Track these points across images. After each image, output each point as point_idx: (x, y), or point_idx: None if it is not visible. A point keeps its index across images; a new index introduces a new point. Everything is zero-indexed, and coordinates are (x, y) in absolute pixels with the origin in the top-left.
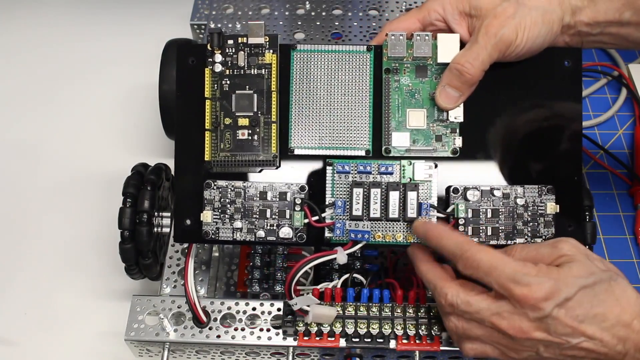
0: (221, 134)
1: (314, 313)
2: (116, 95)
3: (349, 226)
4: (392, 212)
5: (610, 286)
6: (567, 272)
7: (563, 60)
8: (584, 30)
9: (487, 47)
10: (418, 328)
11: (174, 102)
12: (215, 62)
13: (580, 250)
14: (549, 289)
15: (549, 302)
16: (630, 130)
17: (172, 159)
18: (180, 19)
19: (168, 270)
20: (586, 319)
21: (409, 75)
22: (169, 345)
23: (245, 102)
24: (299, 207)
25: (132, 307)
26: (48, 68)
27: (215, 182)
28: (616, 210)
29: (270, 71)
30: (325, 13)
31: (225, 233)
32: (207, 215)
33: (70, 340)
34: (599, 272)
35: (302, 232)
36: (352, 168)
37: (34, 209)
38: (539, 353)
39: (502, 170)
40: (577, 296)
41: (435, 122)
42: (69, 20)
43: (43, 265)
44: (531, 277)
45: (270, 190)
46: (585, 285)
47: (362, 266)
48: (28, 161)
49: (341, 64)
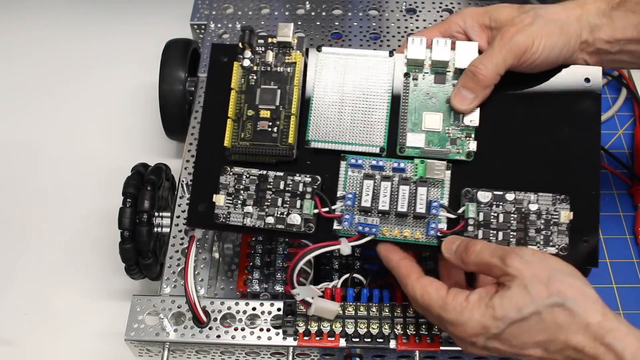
0: (243, 124)
1: (316, 306)
2: (116, 95)
3: (357, 219)
4: (401, 205)
5: (550, 314)
6: (497, 305)
7: (583, 78)
8: (603, 48)
9: (502, 51)
10: (418, 328)
11: (174, 101)
12: (244, 57)
13: (526, 269)
14: (474, 328)
15: (480, 337)
16: (630, 130)
17: (172, 159)
18: (180, 19)
19: (168, 270)
20: (527, 346)
21: (427, 80)
22: (169, 345)
23: (269, 96)
24: (310, 197)
25: (132, 307)
26: (48, 68)
27: (232, 168)
28: (616, 210)
29: (295, 69)
30: (325, 13)
31: (236, 218)
32: (220, 198)
33: (70, 340)
34: (533, 304)
35: (310, 223)
36: (365, 163)
37: (34, 208)
38: None
39: (515, 177)
40: (507, 331)
41: (451, 126)
42: (69, 20)
43: (43, 265)
44: (457, 316)
45: (284, 180)
46: (515, 319)
47: (362, 266)
48: (28, 161)
49: (363, 66)
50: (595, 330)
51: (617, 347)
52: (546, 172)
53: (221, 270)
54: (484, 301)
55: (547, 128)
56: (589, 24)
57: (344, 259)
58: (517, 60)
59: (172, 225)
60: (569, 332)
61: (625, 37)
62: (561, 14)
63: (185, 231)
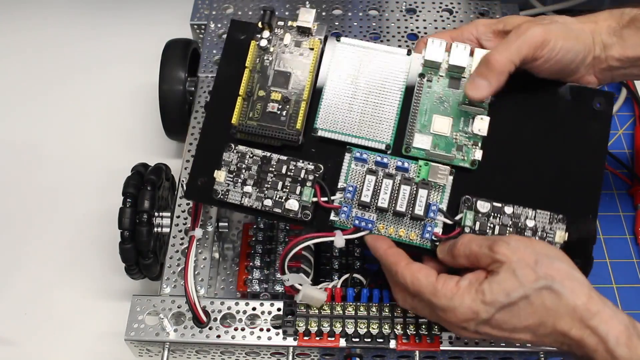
0: (252, 104)
1: (304, 293)
2: (116, 95)
3: (354, 213)
4: (400, 205)
5: (539, 297)
6: (487, 290)
7: (595, 102)
8: (614, 65)
9: (517, 40)
10: (418, 328)
11: (174, 101)
12: (262, 37)
13: (513, 254)
14: (465, 313)
15: (471, 322)
16: (630, 130)
17: (172, 159)
18: (180, 19)
19: (168, 270)
20: (517, 330)
21: (442, 83)
22: (169, 345)
23: (282, 79)
24: (311, 184)
25: (132, 307)
26: (48, 68)
27: (237, 146)
28: (616, 210)
29: (311, 55)
30: (325, 13)
31: (234, 196)
32: (221, 174)
33: (70, 340)
34: (521, 288)
35: (308, 210)
36: (369, 158)
37: (34, 209)
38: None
39: (516, 189)
40: (496, 316)
41: (459, 132)
42: (69, 20)
43: (43, 265)
44: (447, 301)
45: (287, 165)
46: (504, 304)
47: (362, 266)
48: (28, 161)
49: (380, 61)
50: (581, 312)
51: (601, 330)
52: (547, 189)
53: (221, 270)
54: (473, 286)
55: (553, 147)
56: (602, 41)
57: (344, 259)
58: (533, 52)
59: (172, 225)
60: (557, 316)
61: (636, 55)
62: (576, 25)
63: (186, 231)
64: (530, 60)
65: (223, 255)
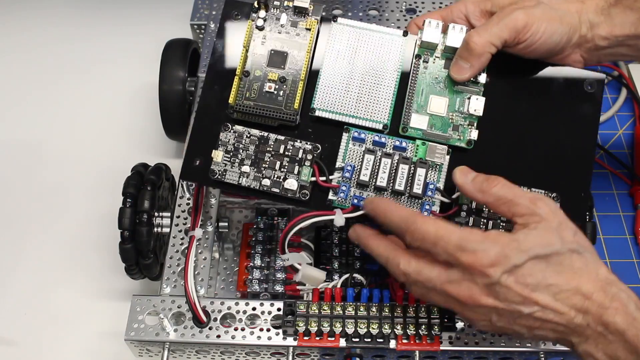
0: (249, 84)
1: (303, 272)
2: (116, 95)
3: (353, 192)
4: (399, 184)
5: (569, 258)
6: (522, 239)
7: (586, 85)
8: (601, 45)
9: (499, 23)
10: (418, 328)
11: (174, 101)
12: (259, 17)
13: (554, 215)
14: (496, 255)
15: (496, 268)
16: (630, 130)
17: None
18: (180, 19)
19: (168, 270)
20: (538, 288)
21: (437, 64)
22: (169, 345)
23: (279, 59)
24: (309, 164)
25: (132, 307)
26: (48, 68)
27: (233, 126)
28: (616, 210)
29: (308, 35)
30: (324, 13)
31: (232, 176)
32: (218, 154)
33: (70, 340)
34: (559, 244)
35: (306, 190)
36: (367, 137)
37: (34, 208)
38: (493, 322)
39: (511, 168)
40: (527, 265)
41: (455, 113)
42: (69, 20)
43: (43, 265)
44: (477, 244)
45: (284, 144)
46: (538, 255)
47: (362, 266)
48: (28, 161)
49: (376, 42)
50: (603, 279)
51: (622, 297)
52: (541, 168)
53: (221, 270)
54: (506, 235)
55: (547, 127)
56: (589, 20)
57: (344, 259)
58: (515, 35)
59: (172, 225)
60: (582, 278)
61: (624, 34)
62: (562, 5)
63: (186, 231)
64: (513, 43)
65: (223, 255)
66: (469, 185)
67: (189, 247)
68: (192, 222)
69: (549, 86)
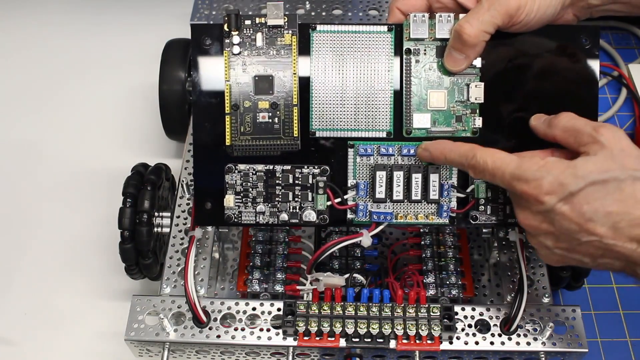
0: (241, 118)
1: (325, 282)
2: (116, 95)
3: (371, 208)
4: (415, 194)
5: (631, 186)
6: (579, 165)
7: (581, 38)
8: (593, 3)
9: (490, 9)
10: (418, 328)
11: (174, 101)
12: (233, 44)
13: (616, 142)
14: (550, 183)
15: (552, 196)
16: (630, 131)
17: (172, 159)
18: (180, 19)
19: (168, 270)
20: (595, 217)
21: (429, 55)
22: (169, 345)
23: (265, 85)
24: (322, 190)
25: (132, 307)
26: (47, 68)
27: (237, 166)
28: None
29: (290, 52)
30: (325, 13)
31: (248, 217)
32: (230, 199)
33: (70, 340)
34: (619, 170)
35: (324, 214)
36: (374, 150)
37: (34, 208)
38: (553, 250)
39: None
40: (584, 191)
41: (456, 103)
42: (69, 20)
43: (43, 265)
44: (532, 172)
45: (292, 174)
46: (596, 181)
47: (362, 266)
48: (28, 161)
49: (362, 44)
50: None
51: None
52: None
53: (221, 270)
54: (564, 162)
55: (549, 97)
56: None
57: (344, 259)
58: (508, 19)
59: (172, 225)
60: None
61: None
62: None
63: (186, 231)
64: (507, 26)
65: (223, 255)
66: (540, 125)
67: (189, 247)
68: (192, 222)
69: (543, 51)
